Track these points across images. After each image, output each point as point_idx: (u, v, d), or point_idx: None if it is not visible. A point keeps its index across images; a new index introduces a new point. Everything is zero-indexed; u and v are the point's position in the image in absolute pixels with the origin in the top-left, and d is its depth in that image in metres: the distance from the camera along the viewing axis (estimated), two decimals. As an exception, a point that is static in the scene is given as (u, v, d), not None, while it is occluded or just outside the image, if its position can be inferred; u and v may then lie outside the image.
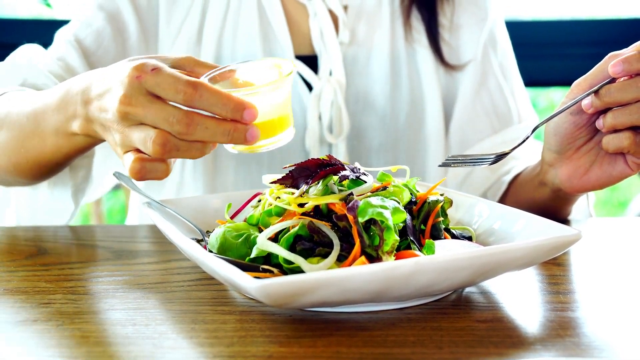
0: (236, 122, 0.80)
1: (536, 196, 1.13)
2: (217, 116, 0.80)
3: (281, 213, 0.83)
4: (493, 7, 1.39)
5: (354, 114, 1.33)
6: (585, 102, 0.90)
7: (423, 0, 1.34)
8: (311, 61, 1.32)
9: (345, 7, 1.34)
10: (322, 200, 0.79)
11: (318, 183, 0.84)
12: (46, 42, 1.30)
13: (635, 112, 0.87)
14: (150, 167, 0.82)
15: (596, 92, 0.89)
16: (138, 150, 0.83)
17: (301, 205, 0.81)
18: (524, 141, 0.91)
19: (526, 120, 1.39)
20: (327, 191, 0.83)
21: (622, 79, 0.88)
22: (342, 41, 1.31)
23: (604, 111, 0.91)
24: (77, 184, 1.18)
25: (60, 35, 1.29)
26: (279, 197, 0.84)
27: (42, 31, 1.77)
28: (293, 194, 0.83)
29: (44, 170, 1.06)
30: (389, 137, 1.35)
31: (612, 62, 0.87)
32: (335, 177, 0.84)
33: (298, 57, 1.32)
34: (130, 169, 0.82)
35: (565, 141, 0.97)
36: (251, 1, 1.32)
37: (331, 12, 1.32)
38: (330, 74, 1.30)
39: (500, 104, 1.37)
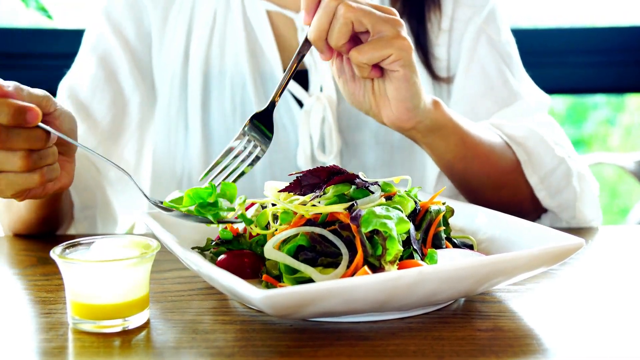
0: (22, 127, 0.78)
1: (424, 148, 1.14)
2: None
3: (288, 221, 0.82)
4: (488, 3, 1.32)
5: (347, 130, 1.31)
6: (322, 57, 0.97)
7: (413, 12, 1.32)
8: (302, 76, 1.29)
9: None
10: (327, 210, 0.79)
11: (325, 192, 0.83)
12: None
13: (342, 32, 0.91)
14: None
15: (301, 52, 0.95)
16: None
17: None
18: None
19: (534, 97, 1.31)
20: (335, 200, 0.82)
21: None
22: None
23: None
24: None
25: (61, 87, 1.29)
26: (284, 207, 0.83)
27: (43, 41, 1.78)
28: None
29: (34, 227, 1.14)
30: (385, 152, 1.32)
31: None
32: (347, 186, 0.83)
33: None
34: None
35: (355, 98, 1.02)
36: (237, 16, 1.29)
37: None
38: (321, 89, 1.28)
39: (499, 85, 1.30)
